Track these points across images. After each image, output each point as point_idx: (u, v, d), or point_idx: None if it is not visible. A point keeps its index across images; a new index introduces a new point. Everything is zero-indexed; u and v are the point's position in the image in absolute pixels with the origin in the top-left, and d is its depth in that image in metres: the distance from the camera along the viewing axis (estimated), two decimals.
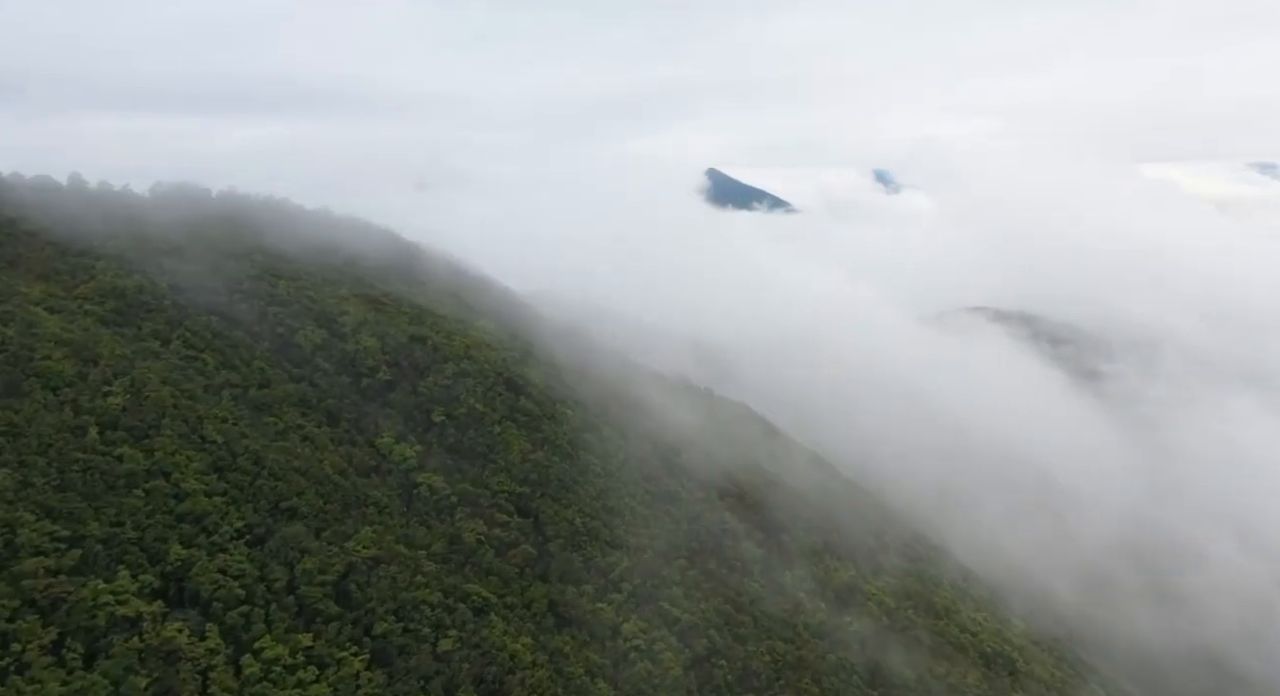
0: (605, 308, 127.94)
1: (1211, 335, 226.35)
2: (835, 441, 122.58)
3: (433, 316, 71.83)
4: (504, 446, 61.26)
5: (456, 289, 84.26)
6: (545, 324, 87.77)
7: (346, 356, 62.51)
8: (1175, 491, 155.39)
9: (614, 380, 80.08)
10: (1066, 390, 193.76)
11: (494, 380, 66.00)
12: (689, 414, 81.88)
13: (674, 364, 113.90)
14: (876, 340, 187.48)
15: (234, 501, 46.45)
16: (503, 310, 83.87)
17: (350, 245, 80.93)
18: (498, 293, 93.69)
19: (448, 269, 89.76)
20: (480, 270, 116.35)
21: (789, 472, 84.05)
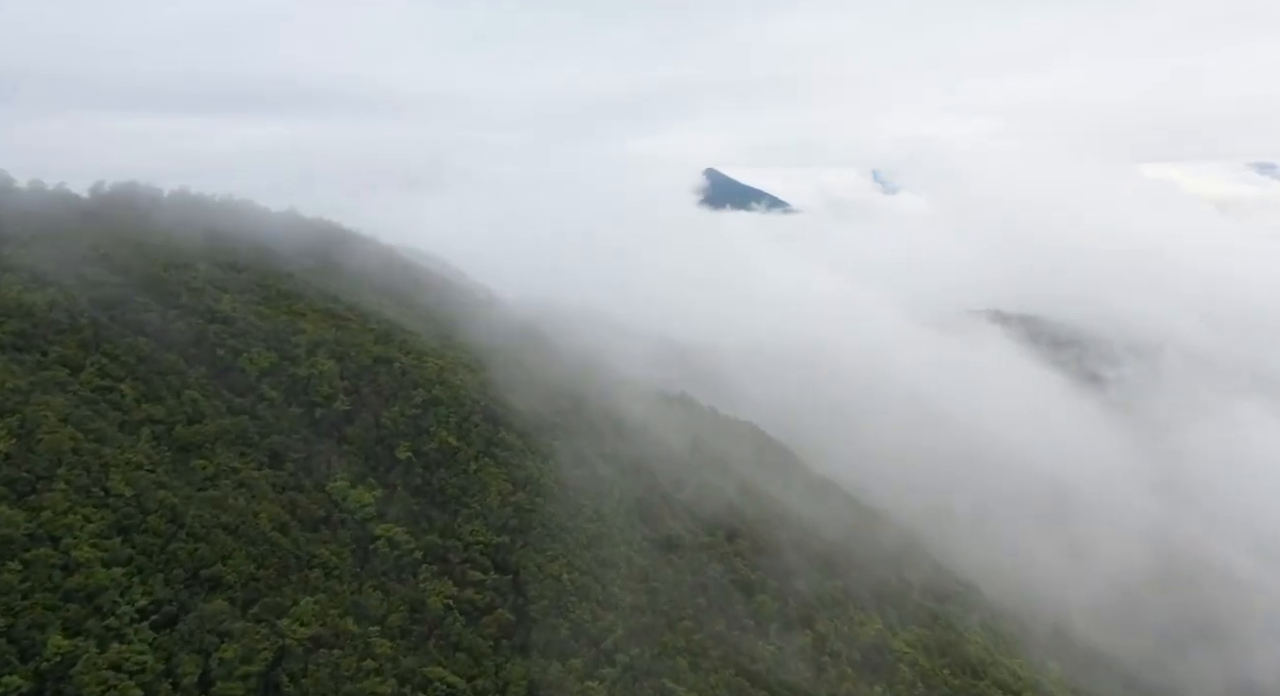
0: (598, 314, 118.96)
1: (1214, 337, 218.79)
2: (835, 448, 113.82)
3: (403, 334, 62.78)
4: (480, 487, 52.28)
5: (437, 301, 75.19)
6: (533, 338, 78.86)
7: (298, 383, 53.44)
8: (1190, 502, 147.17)
9: (608, 402, 71.06)
10: (1072, 396, 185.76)
11: (470, 408, 56.93)
12: (691, 439, 72.97)
13: (669, 373, 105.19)
14: (876, 344, 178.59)
15: (140, 571, 37.52)
16: (488, 324, 74.78)
17: (316, 252, 71.94)
18: (482, 302, 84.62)
19: (428, 278, 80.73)
20: (468, 278, 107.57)
21: (800, 502, 75.20)
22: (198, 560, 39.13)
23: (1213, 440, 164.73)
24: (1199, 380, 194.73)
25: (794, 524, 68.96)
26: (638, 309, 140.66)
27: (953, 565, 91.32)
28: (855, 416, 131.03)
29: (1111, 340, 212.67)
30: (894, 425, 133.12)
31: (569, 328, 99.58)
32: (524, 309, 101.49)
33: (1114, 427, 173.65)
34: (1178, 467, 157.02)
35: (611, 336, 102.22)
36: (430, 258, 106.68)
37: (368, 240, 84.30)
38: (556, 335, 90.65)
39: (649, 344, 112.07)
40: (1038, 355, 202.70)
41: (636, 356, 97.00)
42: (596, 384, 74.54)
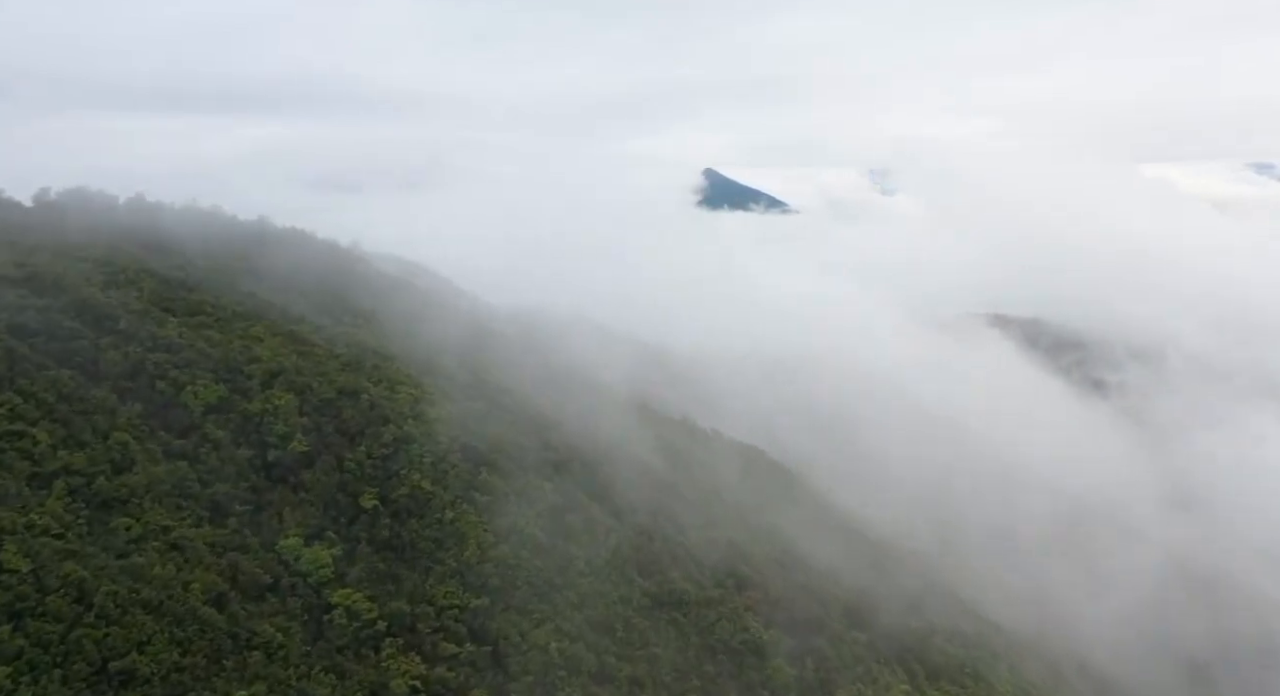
0: (591, 324, 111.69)
1: (1216, 340, 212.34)
2: (837, 462, 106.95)
3: (377, 359, 55.88)
4: (457, 540, 45.31)
5: (419, 319, 68.12)
6: (521, 355, 71.91)
7: (250, 421, 46.47)
8: (1207, 518, 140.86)
9: (602, 429, 64.11)
10: (1078, 405, 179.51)
11: (447, 446, 49.98)
12: (693, 469, 66.06)
13: (666, 390, 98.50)
14: (877, 351, 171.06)
15: (32, 669, 30.70)
16: (472, 342, 67.84)
17: (285, 267, 64.91)
18: (468, 317, 77.57)
19: (410, 293, 73.70)
20: (457, 288, 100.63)
21: (811, 537, 68.26)
22: (108, 649, 32.26)
23: (1223, 450, 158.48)
24: (1204, 386, 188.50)
25: (807, 565, 62.14)
26: (633, 315, 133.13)
27: (971, 598, 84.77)
28: (857, 427, 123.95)
29: (1112, 344, 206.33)
30: (897, 436, 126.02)
31: (560, 340, 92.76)
32: (513, 321, 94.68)
33: (1122, 437, 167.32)
34: (1190, 480, 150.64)
35: (605, 349, 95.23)
36: (418, 269, 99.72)
37: (347, 252, 77.43)
38: (546, 350, 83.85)
39: (645, 356, 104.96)
40: (1040, 360, 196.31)
41: (632, 372, 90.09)
42: (589, 407, 67.63)
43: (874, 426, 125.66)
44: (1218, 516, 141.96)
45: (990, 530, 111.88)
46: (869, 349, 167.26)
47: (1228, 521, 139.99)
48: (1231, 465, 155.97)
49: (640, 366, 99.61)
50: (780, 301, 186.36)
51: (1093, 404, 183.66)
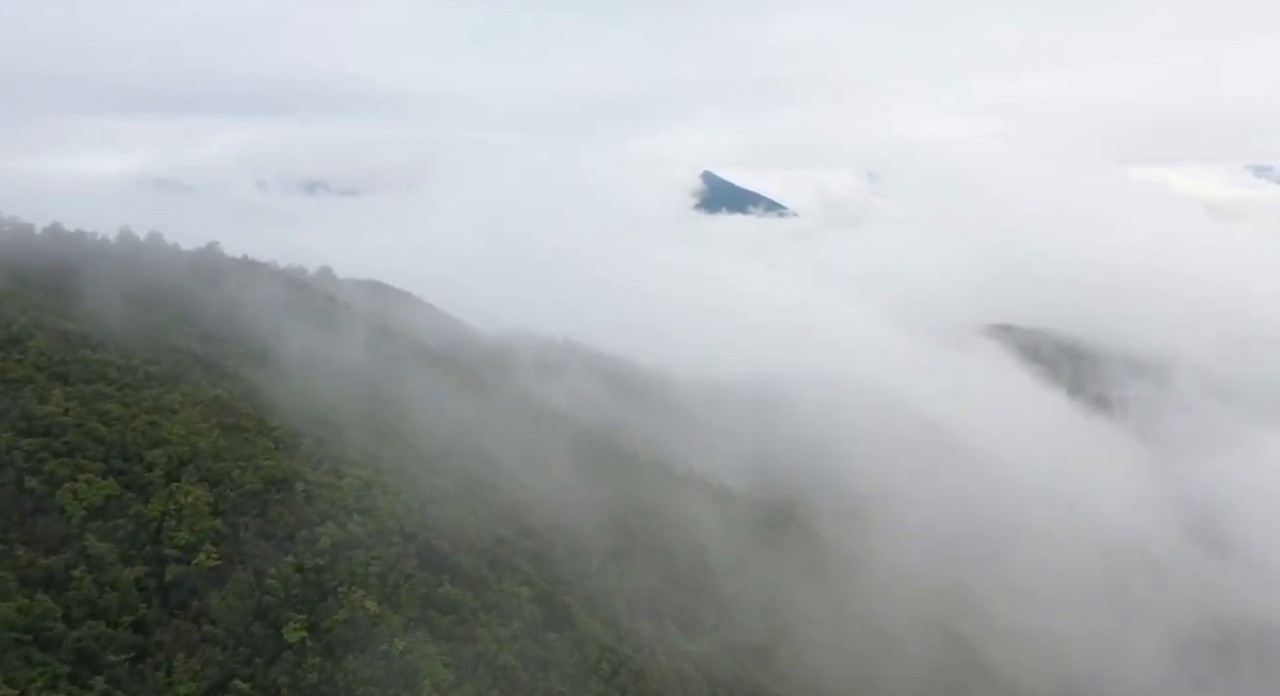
0: (578, 351, 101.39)
1: (1220, 353, 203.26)
2: (829, 494, 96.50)
3: (321, 429, 45.69)
4: (408, 679, 35.21)
5: (381, 365, 57.73)
6: (497, 400, 61.61)
7: (146, 526, 36.26)
8: (1230, 550, 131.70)
9: (593, 501, 53.92)
10: (1089, 425, 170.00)
11: (402, 549, 39.81)
12: (701, 546, 55.80)
13: (646, 414, 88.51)
14: (871, 368, 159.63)
15: None
16: (443, 393, 57.51)
17: (227, 307, 54.57)
18: (441, 362, 67.12)
19: (380, 334, 63.14)
20: (434, 315, 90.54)
21: (843, 622, 58.23)
22: None
23: (1238, 474, 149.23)
24: (1210, 401, 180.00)
25: (850, 662, 52.05)
26: (620, 333, 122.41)
27: (1000, 668, 75.02)
28: (855, 455, 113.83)
29: (1115, 357, 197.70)
30: (899, 465, 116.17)
31: (546, 372, 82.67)
32: (493, 353, 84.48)
33: (1136, 461, 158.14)
34: (1208, 507, 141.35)
35: (587, 380, 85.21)
36: (395, 296, 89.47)
37: (311, 282, 67.01)
38: (529, 388, 73.78)
39: (628, 382, 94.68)
40: (1041, 373, 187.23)
41: (613, 409, 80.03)
42: (578, 469, 57.39)
43: (874, 454, 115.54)
44: (1241, 547, 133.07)
45: (1006, 572, 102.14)
46: (865, 366, 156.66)
47: (1256, 555, 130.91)
48: (1249, 491, 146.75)
49: (622, 397, 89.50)
50: (774, 315, 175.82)
51: (1101, 423, 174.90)
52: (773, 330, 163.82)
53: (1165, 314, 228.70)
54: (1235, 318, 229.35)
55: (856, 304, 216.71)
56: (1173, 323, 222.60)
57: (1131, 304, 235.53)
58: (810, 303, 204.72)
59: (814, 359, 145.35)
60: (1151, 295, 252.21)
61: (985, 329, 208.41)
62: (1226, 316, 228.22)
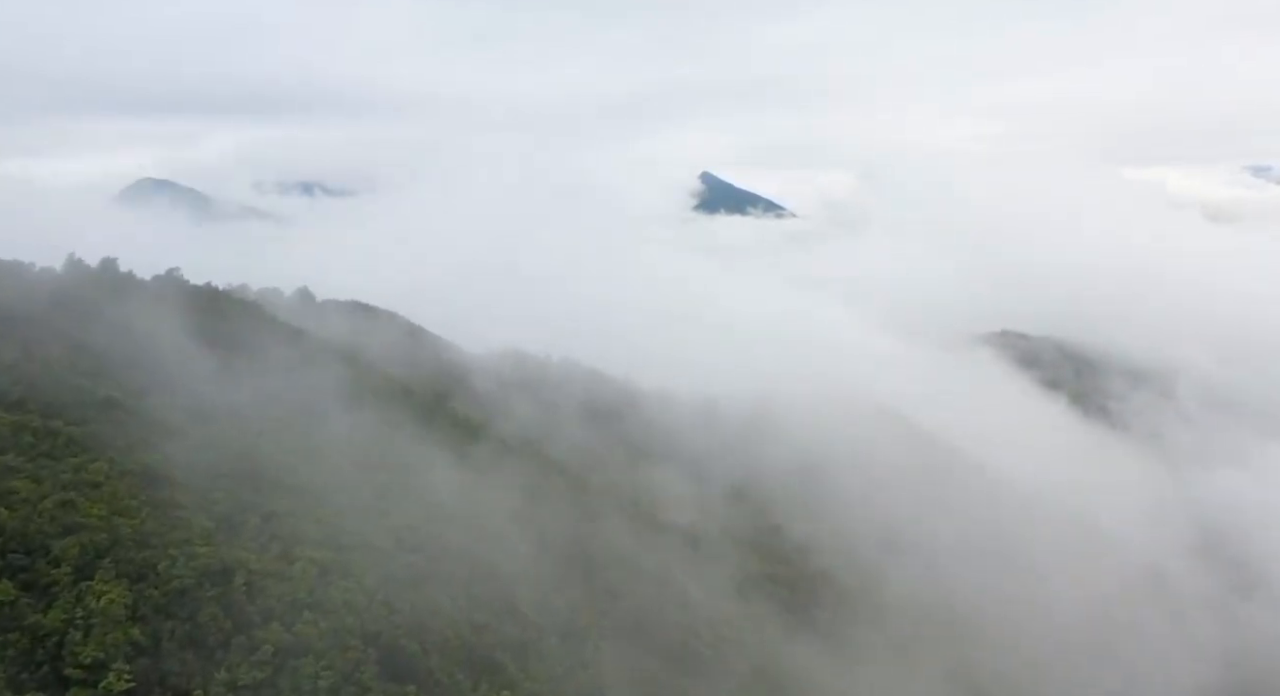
0: (573, 373, 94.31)
1: (1221, 362, 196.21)
2: (830, 526, 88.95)
3: (274, 499, 39.28)
4: None
5: (354, 414, 50.98)
6: (473, 441, 54.95)
7: (43, 641, 29.48)
8: (1241, 568, 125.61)
9: (586, 562, 47.44)
10: (1097, 439, 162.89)
11: (360, 654, 33.23)
12: (713, 620, 49.25)
13: (648, 439, 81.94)
14: (869, 380, 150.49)
15: None
16: (421, 439, 50.92)
17: (183, 347, 47.70)
18: (418, 395, 60.46)
19: (355, 374, 56.18)
20: (417, 336, 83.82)
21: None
22: None
23: (1249, 491, 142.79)
24: (1216, 413, 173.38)
25: None
26: (609, 346, 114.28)
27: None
28: (854, 478, 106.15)
29: (1117, 365, 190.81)
30: (904, 481, 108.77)
31: (538, 405, 76.02)
32: (477, 379, 77.74)
33: (1145, 476, 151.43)
34: (1222, 528, 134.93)
35: (590, 417, 78.59)
36: (378, 316, 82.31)
37: (270, 320, 59.37)
38: (520, 425, 67.31)
39: (633, 416, 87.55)
40: (1045, 383, 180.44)
41: (617, 452, 73.41)
42: (571, 529, 50.91)
43: (876, 476, 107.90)
44: (1254, 567, 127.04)
45: (1020, 606, 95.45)
46: (864, 378, 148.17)
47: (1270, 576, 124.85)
48: (1258, 507, 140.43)
49: (617, 427, 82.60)
50: (771, 326, 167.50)
51: (1109, 436, 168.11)
52: (770, 341, 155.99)
53: (1168, 320, 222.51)
54: (1237, 323, 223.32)
55: (854, 312, 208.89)
56: (1176, 329, 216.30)
57: (1134, 309, 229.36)
58: (808, 312, 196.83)
59: (813, 372, 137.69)
60: (1152, 300, 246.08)
61: (984, 337, 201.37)
62: (1228, 322, 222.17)
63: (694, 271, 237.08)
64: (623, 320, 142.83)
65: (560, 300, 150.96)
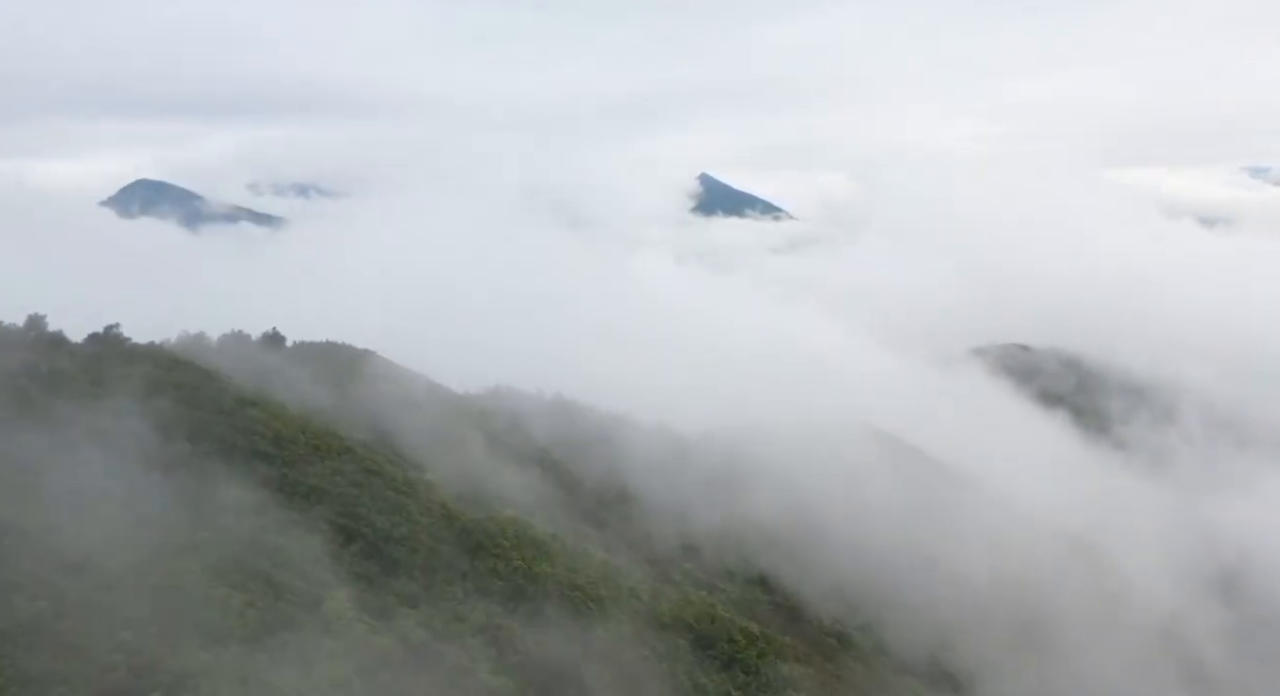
0: (569, 410, 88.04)
1: (1222, 371, 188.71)
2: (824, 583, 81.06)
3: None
4: None
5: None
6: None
7: None
8: (1263, 604, 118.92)
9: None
10: (1094, 460, 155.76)
11: None
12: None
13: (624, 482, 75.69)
14: (863, 396, 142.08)
15: None
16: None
17: (67, 440, 40.10)
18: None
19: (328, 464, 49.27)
20: (406, 386, 77.61)
21: None
22: None
23: (1256, 518, 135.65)
24: (1223, 432, 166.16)
25: None
26: (615, 384, 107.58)
27: None
28: (854, 513, 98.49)
29: (1119, 382, 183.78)
30: (904, 517, 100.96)
31: (530, 461, 70.31)
32: (465, 418, 71.97)
33: (1159, 504, 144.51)
34: (1231, 560, 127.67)
35: (589, 471, 72.78)
36: (354, 358, 76.11)
37: (216, 379, 51.90)
38: (513, 489, 61.63)
39: (638, 462, 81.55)
40: (1044, 400, 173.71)
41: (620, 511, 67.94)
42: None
43: (875, 509, 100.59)
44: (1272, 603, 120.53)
45: (1041, 666, 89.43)
46: (860, 400, 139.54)
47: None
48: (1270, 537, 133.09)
49: (617, 478, 76.75)
50: (760, 346, 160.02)
51: (1116, 460, 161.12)
52: (765, 362, 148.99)
53: (1172, 331, 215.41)
54: (1240, 334, 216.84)
55: (850, 324, 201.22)
56: (1179, 340, 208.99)
57: (1136, 321, 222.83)
58: (802, 329, 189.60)
59: (809, 396, 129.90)
60: (1155, 310, 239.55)
61: (983, 349, 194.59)
62: (1231, 333, 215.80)
63: (685, 288, 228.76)
64: (606, 345, 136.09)
65: (546, 327, 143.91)
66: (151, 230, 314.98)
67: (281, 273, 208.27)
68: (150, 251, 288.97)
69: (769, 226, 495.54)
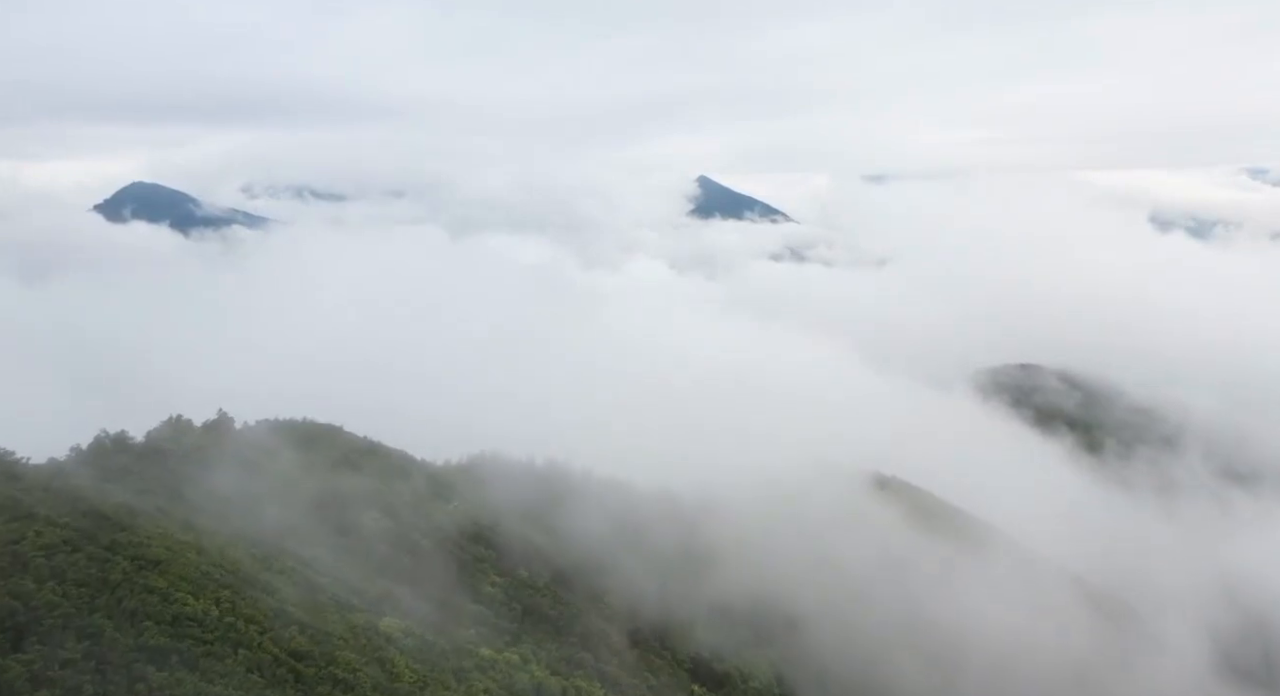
0: (565, 484, 77.69)
1: (1229, 403, 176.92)
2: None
3: None
4: None
5: None
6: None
7: None
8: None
9: None
10: (1099, 491, 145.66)
11: None
12: None
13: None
14: (859, 432, 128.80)
15: None
16: None
17: None
18: None
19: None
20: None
21: None
22: None
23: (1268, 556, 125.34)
24: (1226, 463, 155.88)
25: None
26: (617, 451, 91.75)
27: None
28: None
29: (1120, 409, 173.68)
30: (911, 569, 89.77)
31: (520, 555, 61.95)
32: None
33: (1174, 546, 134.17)
34: (1250, 603, 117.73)
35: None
36: (313, 436, 66.96)
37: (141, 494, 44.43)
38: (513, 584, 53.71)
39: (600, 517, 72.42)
40: (1042, 423, 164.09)
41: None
42: None
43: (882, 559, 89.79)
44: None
45: None
46: (855, 435, 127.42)
47: None
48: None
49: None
50: (747, 380, 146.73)
51: (1118, 498, 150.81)
52: (754, 397, 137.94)
53: (1173, 352, 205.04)
54: (1242, 352, 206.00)
55: (840, 345, 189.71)
56: (1181, 361, 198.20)
57: (1137, 341, 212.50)
58: (790, 355, 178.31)
59: (802, 435, 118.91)
60: (1155, 330, 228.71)
61: (979, 372, 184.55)
62: (1229, 352, 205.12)
63: (670, 324, 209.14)
64: (586, 396, 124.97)
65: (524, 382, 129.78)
66: (141, 235, 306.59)
67: (260, 298, 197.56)
68: (135, 259, 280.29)
69: (766, 229, 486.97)
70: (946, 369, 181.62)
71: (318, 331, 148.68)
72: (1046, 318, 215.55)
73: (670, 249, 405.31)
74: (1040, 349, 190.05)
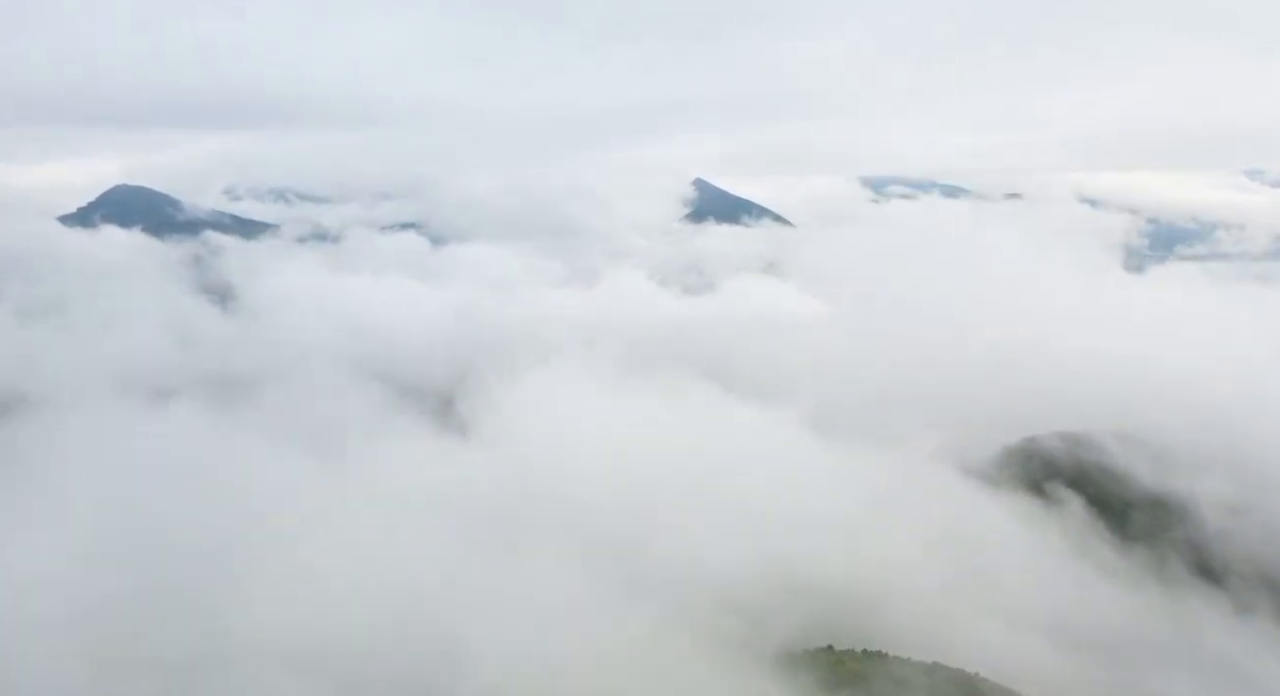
0: None
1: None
2: None
3: None
4: None
5: None
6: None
7: None
8: None
9: None
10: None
11: None
12: None
13: None
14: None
15: None
16: None
17: None
18: None
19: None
20: None
21: None
22: None
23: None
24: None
25: None
26: None
27: None
28: None
29: (1122, 488, 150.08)
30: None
31: None
32: None
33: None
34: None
35: None
36: None
37: None
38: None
39: None
40: (1037, 498, 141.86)
41: None
42: None
43: None
44: None
45: None
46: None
47: None
48: None
49: None
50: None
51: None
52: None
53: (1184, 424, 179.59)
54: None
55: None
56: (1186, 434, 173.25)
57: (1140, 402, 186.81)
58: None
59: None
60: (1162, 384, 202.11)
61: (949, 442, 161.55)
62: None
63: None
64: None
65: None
66: (107, 242, 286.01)
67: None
68: (109, 267, 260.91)
69: (764, 233, 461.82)
70: (944, 440, 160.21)
71: None
72: (1050, 378, 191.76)
73: (660, 255, 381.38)
74: (1041, 412, 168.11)
